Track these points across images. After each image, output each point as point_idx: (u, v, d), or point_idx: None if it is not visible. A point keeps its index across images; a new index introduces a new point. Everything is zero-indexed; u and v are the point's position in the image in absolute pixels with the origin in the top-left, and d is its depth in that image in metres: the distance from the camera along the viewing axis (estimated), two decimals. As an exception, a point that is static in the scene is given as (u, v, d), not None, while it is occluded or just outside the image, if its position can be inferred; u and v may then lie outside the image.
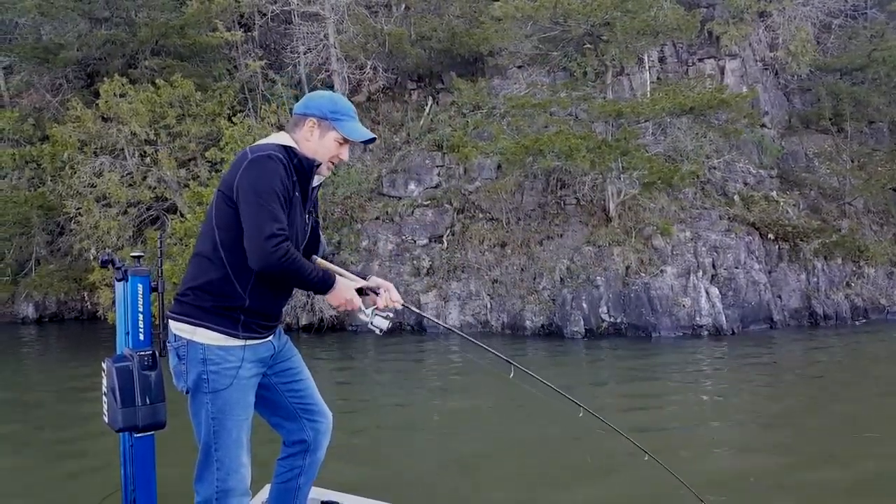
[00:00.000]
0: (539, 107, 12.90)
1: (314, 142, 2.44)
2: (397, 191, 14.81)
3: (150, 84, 13.16)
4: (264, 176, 2.24)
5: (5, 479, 5.71)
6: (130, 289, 2.49)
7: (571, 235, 13.17)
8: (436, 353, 11.58)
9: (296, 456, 2.60)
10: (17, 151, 14.55)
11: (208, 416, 2.32)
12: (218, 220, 2.33)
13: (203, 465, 2.36)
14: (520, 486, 5.38)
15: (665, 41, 14.89)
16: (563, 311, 12.18)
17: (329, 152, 2.46)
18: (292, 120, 2.51)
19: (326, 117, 2.44)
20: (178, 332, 2.35)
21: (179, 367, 2.35)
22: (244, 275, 2.31)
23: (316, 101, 2.49)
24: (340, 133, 2.45)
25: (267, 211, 2.20)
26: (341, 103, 2.49)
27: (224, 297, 2.31)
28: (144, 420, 2.39)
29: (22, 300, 15.58)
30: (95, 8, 14.72)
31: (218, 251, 2.32)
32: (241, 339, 2.34)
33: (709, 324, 11.92)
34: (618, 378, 9.62)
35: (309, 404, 2.59)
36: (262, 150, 2.31)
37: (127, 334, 2.50)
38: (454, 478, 5.63)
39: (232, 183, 2.28)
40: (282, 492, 2.63)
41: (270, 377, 2.51)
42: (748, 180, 14.90)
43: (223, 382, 2.31)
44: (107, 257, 2.55)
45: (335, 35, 15.42)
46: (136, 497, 2.47)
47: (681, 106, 12.46)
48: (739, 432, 6.85)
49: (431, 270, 13.52)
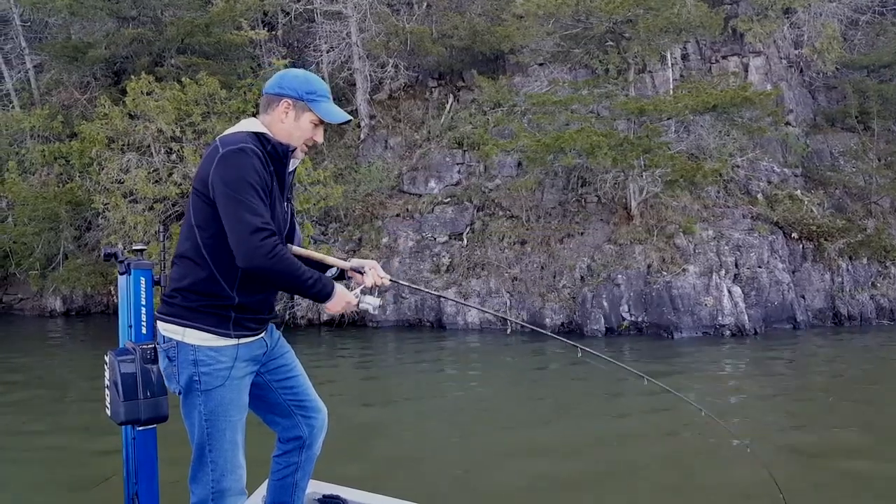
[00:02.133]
0: (560, 104, 12.89)
1: (289, 124, 2.31)
2: (418, 188, 14.88)
3: (176, 82, 13.37)
4: (239, 170, 2.13)
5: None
6: (133, 282, 2.46)
7: (592, 233, 13.14)
8: (455, 349, 11.64)
9: (291, 452, 2.56)
10: (46, 148, 14.87)
11: (201, 417, 2.26)
12: (197, 220, 2.24)
13: (197, 465, 2.30)
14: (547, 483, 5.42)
15: (688, 38, 14.77)
16: (583, 309, 12.17)
17: (304, 135, 2.35)
18: (264, 100, 2.36)
19: (302, 98, 2.31)
20: (166, 333, 2.28)
21: (170, 368, 2.29)
22: (230, 273, 2.23)
23: (290, 80, 2.34)
24: (316, 115, 2.34)
25: (246, 206, 2.11)
26: (316, 83, 2.37)
27: (212, 296, 2.24)
28: (147, 413, 2.36)
29: (50, 294, 15.89)
30: (123, 7, 14.98)
31: (200, 251, 2.23)
32: (234, 337, 2.27)
33: (731, 323, 11.83)
34: (638, 380, 9.58)
35: (303, 400, 2.54)
36: (233, 143, 2.19)
37: (130, 328, 2.47)
38: (475, 472, 5.68)
39: (206, 179, 2.17)
40: (279, 488, 2.60)
41: (264, 374, 2.45)
42: (772, 179, 14.75)
43: (215, 383, 2.24)
44: (109, 251, 2.52)
45: (357, 33, 15.53)
46: (139, 490, 2.46)
47: (704, 103, 12.37)
48: (764, 435, 6.80)
49: (451, 268, 13.57)
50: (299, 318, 13.31)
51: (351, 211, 14.51)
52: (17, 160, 15.19)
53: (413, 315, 13.33)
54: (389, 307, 13.42)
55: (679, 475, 5.57)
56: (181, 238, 2.31)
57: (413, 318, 13.31)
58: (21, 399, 8.48)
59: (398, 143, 15.74)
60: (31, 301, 16.21)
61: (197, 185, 2.23)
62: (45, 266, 15.25)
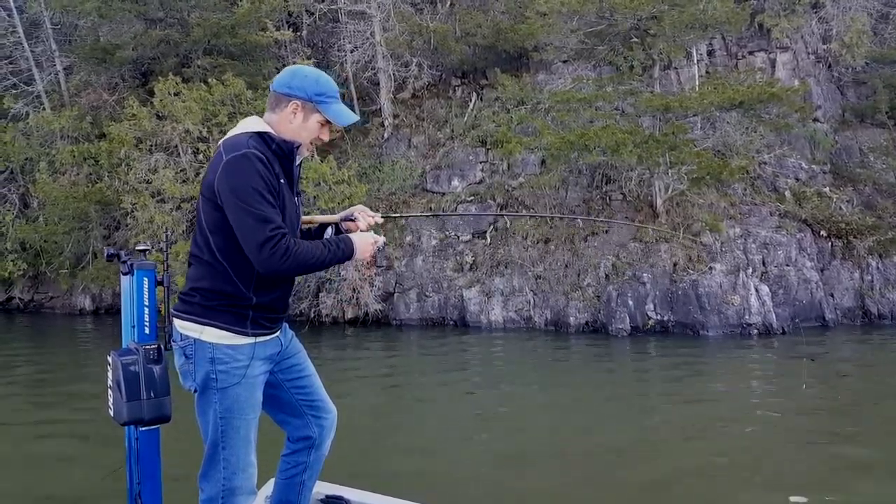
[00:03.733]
0: (584, 101, 12.83)
1: (296, 124, 2.32)
2: (441, 186, 14.90)
3: (203, 83, 13.53)
4: (244, 177, 2.13)
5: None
6: (136, 282, 2.45)
7: (617, 231, 13.07)
8: (479, 347, 11.65)
9: (300, 452, 2.56)
10: (76, 148, 15.12)
11: (216, 415, 2.27)
12: (209, 226, 2.25)
13: (209, 462, 2.31)
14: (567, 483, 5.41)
15: (714, 34, 14.62)
16: (608, 308, 12.11)
17: (311, 135, 2.35)
18: (272, 97, 2.35)
19: (311, 99, 2.30)
20: (184, 330, 2.29)
21: (186, 366, 2.29)
22: (246, 274, 2.25)
23: (300, 80, 2.32)
24: (325, 116, 2.33)
25: (254, 215, 2.12)
26: (326, 84, 2.35)
27: (231, 297, 2.26)
28: (150, 413, 2.35)
29: (79, 292, 16.16)
30: (151, 9, 15.18)
31: (216, 256, 2.25)
32: (251, 336, 2.29)
33: (758, 322, 11.70)
34: (666, 377, 9.53)
35: (314, 400, 2.55)
36: (236, 149, 2.18)
37: (132, 328, 2.46)
38: (493, 472, 5.68)
39: (212, 186, 2.19)
40: (286, 487, 2.60)
41: (277, 374, 2.46)
42: (800, 176, 14.55)
43: (232, 381, 2.26)
44: (112, 251, 2.51)
45: (381, 33, 15.60)
46: (142, 490, 2.45)
47: (730, 100, 12.23)
48: (793, 441, 6.73)
49: (474, 266, 13.58)
50: (324, 316, 13.40)
51: (375, 209, 14.53)
52: (48, 160, 15.47)
53: (437, 314, 13.36)
54: (413, 305, 13.47)
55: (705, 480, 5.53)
56: (195, 241, 2.33)
57: (436, 316, 13.34)
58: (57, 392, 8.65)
59: (421, 141, 15.78)
60: (62, 299, 16.51)
61: (204, 191, 2.23)
62: (75, 265, 15.51)
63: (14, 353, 11.92)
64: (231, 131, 2.34)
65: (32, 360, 11.37)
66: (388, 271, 13.81)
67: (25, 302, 16.71)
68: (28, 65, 16.37)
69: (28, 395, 8.75)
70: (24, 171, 16.13)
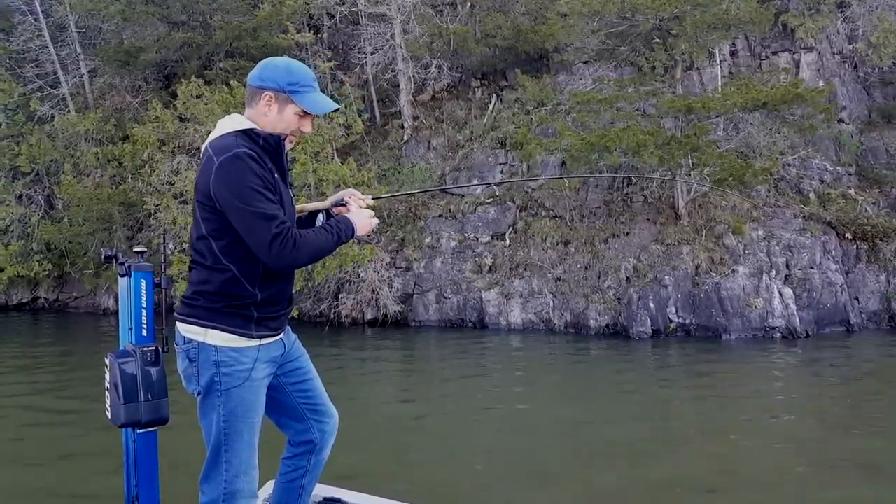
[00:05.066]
0: (605, 102, 12.75)
1: (272, 117, 2.25)
2: (460, 188, 14.89)
3: (225, 85, 13.65)
4: (240, 178, 2.11)
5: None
6: (133, 284, 2.44)
7: (638, 233, 12.97)
8: (497, 349, 11.62)
9: (301, 456, 2.54)
10: (100, 150, 15.34)
11: (220, 418, 2.25)
12: (209, 230, 2.22)
13: (211, 465, 2.30)
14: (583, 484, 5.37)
15: (737, 35, 14.48)
16: (629, 310, 12.01)
17: (289, 126, 2.28)
18: (248, 92, 2.31)
19: (283, 90, 2.23)
20: (188, 334, 2.27)
21: (190, 369, 2.27)
22: (252, 272, 2.24)
23: (270, 71, 2.27)
24: (300, 106, 2.26)
25: (258, 214, 2.11)
26: (299, 72, 2.28)
27: (236, 297, 2.25)
28: (147, 416, 2.34)
29: (103, 292, 16.36)
30: (173, 12, 15.37)
31: (220, 259, 2.23)
32: (256, 338, 2.28)
33: (782, 326, 11.55)
34: (687, 381, 9.44)
35: (316, 404, 2.53)
36: (226, 150, 2.15)
37: (130, 330, 2.45)
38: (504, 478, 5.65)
39: (207, 191, 2.16)
40: (286, 490, 2.59)
41: (280, 377, 2.44)
42: (824, 177, 14.34)
43: (235, 384, 2.24)
44: (110, 253, 2.50)
45: (401, 35, 15.63)
46: (139, 493, 2.45)
47: (753, 101, 12.10)
48: (817, 445, 6.63)
49: (494, 268, 13.55)
50: (344, 317, 13.45)
51: (394, 211, 14.61)
52: (73, 162, 15.71)
53: (455, 315, 13.34)
54: (432, 307, 13.47)
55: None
56: (194, 246, 2.30)
57: (455, 318, 13.32)
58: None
59: (441, 143, 15.79)
60: (86, 299, 16.73)
61: (199, 196, 2.20)
62: (99, 265, 15.70)
63: (38, 353, 12.12)
64: (214, 132, 2.28)
65: (57, 360, 11.54)
66: (406, 273, 13.82)
67: (50, 301, 16.96)
68: (54, 68, 16.63)
69: (53, 392, 8.87)
70: (50, 173, 16.38)
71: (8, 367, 10.75)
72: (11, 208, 15.62)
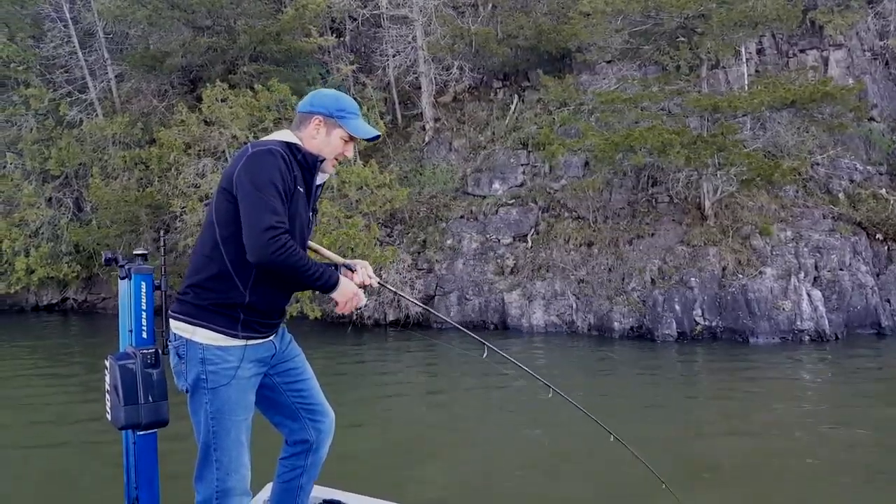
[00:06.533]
0: (630, 102, 12.62)
1: (320, 139, 2.43)
2: (482, 189, 14.85)
3: (249, 89, 13.76)
4: (263, 169, 2.22)
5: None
6: (134, 287, 2.47)
7: (663, 234, 12.82)
8: (520, 351, 11.55)
9: (298, 455, 2.58)
10: (127, 154, 15.53)
11: (207, 416, 2.30)
12: (218, 217, 2.30)
13: (202, 464, 2.34)
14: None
15: (764, 32, 14.24)
16: (653, 313, 11.87)
17: (334, 150, 2.45)
18: (297, 118, 2.49)
19: (332, 115, 2.43)
20: (177, 331, 2.34)
21: (179, 366, 2.33)
22: (245, 270, 2.28)
23: (321, 99, 2.47)
24: (346, 130, 2.45)
25: (265, 203, 2.18)
26: (346, 101, 2.49)
27: (224, 293, 2.29)
28: (147, 418, 2.37)
29: (130, 293, 16.58)
30: (198, 17, 15.52)
31: (218, 247, 2.29)
32: (241, 338, 2.31)
33: (810, 328, 11.32)
34: (715, 385, 9.30)
35: (311, 404, 2.56)
36: (262, 145, 2.30)
37: (130, 332, 2.47)
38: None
39: (231, 177, 2.26)
40: (284, 491, 2.62)
41: (273, 377, 2.48)
42: (854, 177, 14.04)
43: (221, 382, 2.28)
44: (110, 255, 2.54)
45: (423, 37, 15.64)
46: (139, 495, 2.46)
47: (781, 99, 11.89)
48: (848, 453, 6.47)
49: (516, 269, 13.48)
50: (366, 318, 13.48)
51: (416, 213, 14.62)
52: (101, 166, 15.93)
53: (477, 317, 13.29)
54: (453, 308, 13.43)
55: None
56: (200, 236, 2.40)
57: (477, 319, 13.27)
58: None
59: (462, 144, 15.76)
60: (113, 300, 16.95)
61: (223, 182, 2.30)
62: (126, 267, 15.89)
63: (69, 351, 12.32)
64: (262, 138, 2.48)
65: (85, 360, 11.72)
66: (428, 274, 13.81)
67: (79, 302, 17.23)
68: (82, 73, 16.90)
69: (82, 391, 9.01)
70: (78, 176, 16.65)
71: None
72: (42, 211, 15.90)
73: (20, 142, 16.38)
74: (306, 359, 2.62)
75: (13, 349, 12.71)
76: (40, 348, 12.65)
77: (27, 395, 8.87)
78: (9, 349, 12.72)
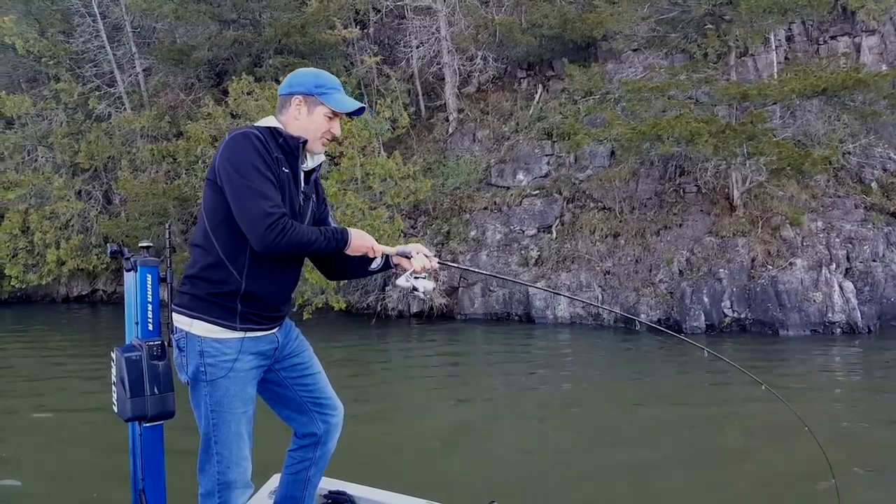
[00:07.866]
0: (657, 90, 12.44)
1: (303, 119, 2.37)
2: (506, 180, 14.79)
3: (274, 82, 13.84)
4: (241, 153, 2.18)
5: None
6: (139, 279, 2.47)
7: (692, 225, 12.66)
8: (545, 344, 11.51)
9: (307, 448, 2.57)
10: (155, 147, 15.75)
11: (207, 408, 2.30)
12: (206, 206, 2.29)
13: (204, 456, 2.34)
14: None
15: (794, 19, 13.95)
16: (681, 305, 11.74)
17: (319, 128, 2.38)
18: (279, 102, 2.43)
19: (311, 93, 2.37)
20: (178, 323, 2.33)
21: (180, 358, 2.34)
22: (238, 258, 2.26)
23: (300, 78, 2.41)
24: (328, 106, 2.37)
25: (252, 190, 2.14)
26: (325, 77, 2.42)
27: (220, 283, 2.27)
28: (153, 409, 2.37)
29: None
30: (224, 11, 15.64)
31: (209, 237, 2.27)
32: (239, 331, 2.29)
33: (842, 321, 11.12)
34: (744, 377, 9.16)
35: (319, 398, 2.55)
36: (239, 130, 2.27)
37: (136, 324, 2.48)
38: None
39: (214, 166, 2.24)
40: (292, 482, 2.62)
41: (279, 371, 2.47)
42: (888, 166, 13.72)
43: (219, 374, 2.28)
44: (115, 248, 2.54)
45: (447, 28, 15.59)
46: (146, 486, 2.47)
47: (812, 87, 11.63)
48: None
49: (540, 261, 13.41)
50: (390, 310, 13.53)
51: (439, 204, 14.61)
52: (129, 159, 16.18)
53: (501, 308, 13.27)
54: (478, 300, 13.42)
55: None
56: (196, 228, 2.38)
57: (501, 311, 13.25)
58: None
59: (486, 135, 15.70)
60: (142, 291, 17.23)
61: (209, 173, 2.28)
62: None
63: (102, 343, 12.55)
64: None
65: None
66: (453, 266, 13.80)
67: (108, 294, 17.53)
68: (111, 67, 17.14)
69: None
70: (107, 169, 16.92)
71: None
72: (72, 204, 16.19)
73: (51, 135, 16.69)
74: (315, 354, 2.60)
75: (44, 335, 12.99)
76: (70, 339, 12.90)
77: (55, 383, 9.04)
78: (40, 335, 13.00)
